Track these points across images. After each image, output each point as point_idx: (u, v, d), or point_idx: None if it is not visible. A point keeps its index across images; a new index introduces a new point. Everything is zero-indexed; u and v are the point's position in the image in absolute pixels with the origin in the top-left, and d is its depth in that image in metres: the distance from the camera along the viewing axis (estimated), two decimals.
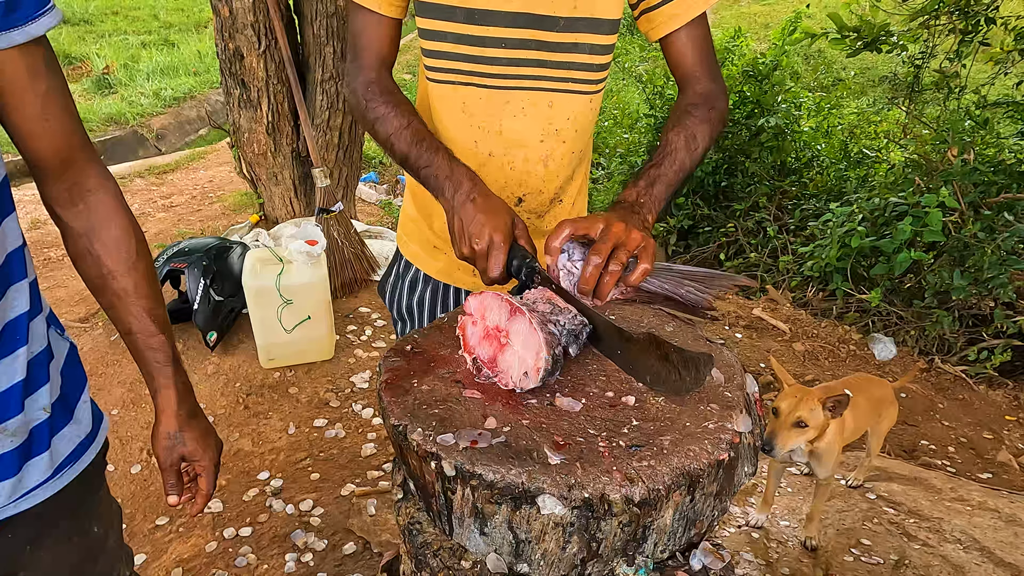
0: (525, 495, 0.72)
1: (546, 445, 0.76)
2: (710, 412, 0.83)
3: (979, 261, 3.46)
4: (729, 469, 0.80)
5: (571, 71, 1.13)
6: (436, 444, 0.76)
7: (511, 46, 1.09)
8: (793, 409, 1.84)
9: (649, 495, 0.72)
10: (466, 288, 1.35)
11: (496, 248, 0.97)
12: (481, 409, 0.83)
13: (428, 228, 1.32)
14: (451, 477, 0.75)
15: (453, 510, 0.78)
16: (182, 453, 1.00)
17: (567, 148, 1.20)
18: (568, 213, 1.30)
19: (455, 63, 1.12)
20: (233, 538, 2.11)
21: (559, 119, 1.16)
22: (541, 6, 1.06)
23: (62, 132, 0.85)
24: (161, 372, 0.96)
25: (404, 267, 1.40)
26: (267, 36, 3.07)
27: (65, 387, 0.94)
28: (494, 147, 1.17)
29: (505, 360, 0.87)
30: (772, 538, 2.30)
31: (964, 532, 2.31)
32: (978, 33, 3.96)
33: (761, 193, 4.76)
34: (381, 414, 0.86)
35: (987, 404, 3.45)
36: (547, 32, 1.08)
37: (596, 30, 1.10)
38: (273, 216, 3.61)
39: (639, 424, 0.80)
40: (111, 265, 0.91)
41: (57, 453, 0.91)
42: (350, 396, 2.76)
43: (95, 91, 7.10)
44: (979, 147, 3.93)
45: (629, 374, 0.90)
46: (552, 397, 0.86)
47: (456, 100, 1.15)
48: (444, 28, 1.09)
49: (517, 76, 1.12)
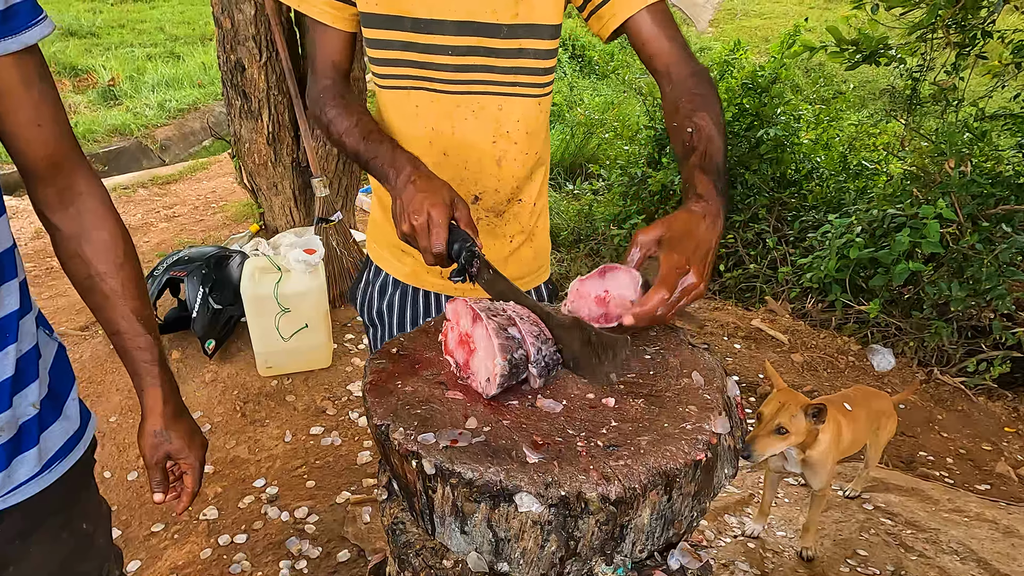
0: (503, 493, 0.73)
1: (525, 444, 0.77)
2: (688, 413, 0.84)
3: (977, 272, 3.46)
4: (707, 470, 0.80)
5: (518, 75, 1.16)
6: (417, 443, 0.78)
7: (458, 53, 1.12)
8: (774, 415, 1.83)
9: (625, 494, 0.73)
10: (434, 291, 1.36)
11: (435, 224, 0.97)
12: (463, 410, 0.84)
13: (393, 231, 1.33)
14: (431, 475, 0.76)
15: (434, 509, 0.79)
16: (168, 451, 1.02)
17: (519, 149, 1.23)
18: (529, 213, 1.33)
19: (405, 69, 1.15)
20: (228, 545, 2.12)
21: (509, 121, 1.19)
22: (484, 14, 1.10)
23: (53, 137, 0.88)
24: (148, 372, 0.98)
25: (374, 272, 1.42)
26: (268, 48, 3.10)
27: (54, 385, 0.96)
28: (447, 146, 1.20)
29: (474, 364, 0.89)
30: (768, 548, 2.29)
31: (961, 543, 2.30)
32: (975, 46, 3.99)
33: (760, 204, 4.78)
34: (366, 414, 0.88)
35: (986, 415, 3.45)
36: (492, 39, 1.11)
37: (538, 35, 1.13)
38: (273, 225, 3.64)
39: (618, 425, 0.81)
40: (100, 267, 0.94)
41: (46, 448, 0.93)
42: (347, 404, 2.77)
43: (101, 102, 7.17)
44: (977, 159, 3.94)
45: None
46: (534, 399, 0.87)
47: (409, 103, 1.18)
48: (391, 37, 1.13)
49: (466, 81, 1.15)
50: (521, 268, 1.36)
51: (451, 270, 1.00)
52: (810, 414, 1.83)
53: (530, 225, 1.34)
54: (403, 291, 1.37)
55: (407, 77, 1.16)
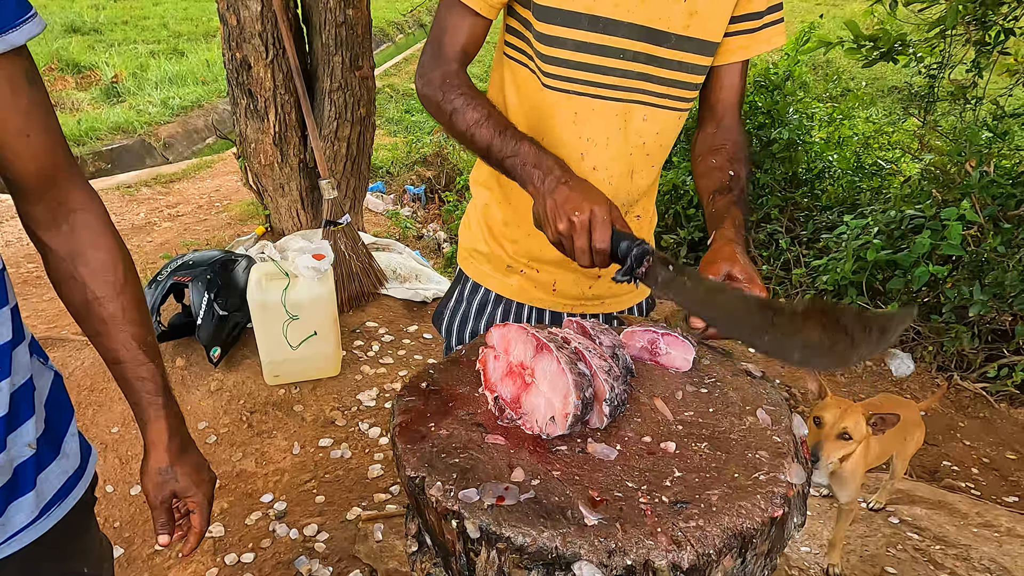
0: (559, 561, 0.64)
1: (581, 502, 0.69)
2: (760, 461, 0.75)
3: (999, 276, 3.37)
4: (781, 525, 0.72)
5: (672, 88, 1.15)
6: (458, 501, 0.69)
7: (627, 58, 1.10)
8: (838, 420, 1.78)
9: (699, 560, 0.64)
10: (541, 307, 1.31)
11: (598, 220, 0.93)
12: (506, 458, 0.76)
13: (500, 249, 1.30)
14: (475, 539, 0.67)
15: (475, 573, 0.70)
16: (174, 489, 0.94)
17: (649, 162, 1.21)
18: (639, 230, 1.30)
19: (572, 71, 1.11)
20: (235, 564, 2.04)
21: (649, 133, 1.17)
22: (659, 21, 1.08)
23: (44, 150, 0.79)
24: (151, 404, 0.90)
25: (471, 290, 1.36)
26: (275, 46, 3.01)
27: (51, 420, 0.88)
28: (599, 160, 1.17)
29: (530, 401, 0.80)
30: (793, 565, 2.21)
31: (994, 560, 2.22)
32: (996, 43, 3.89)
33: (773, 205, 4.69)
34: (395, 462, 0.79)
35: (1009, 423, 3.36)
36: (659, 47, 1.10)
37: (701, 51, 1.13)
38: (279, 228, 3.55)
39: (682, 475, 0.73)
40: (97, 290, 0.86)
41: (44, 492, 0.85)
42: (356, 415, 2.69)
43: (104, 100, 7.09)
44: (997, 159, 3.85)
45: (774, 356, 0.83)
46: (584, 443, 0.78)
47: (568, 110, 1.14)
48: (566, 35, 1.09)
49: (626, 88, 1.13)
50: (625, 285, 1.32)
51: (610, 272, 0.96)
52: (871, 422, 1.79)
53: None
54: (507, 307, 1.32)
55: (572, 80, 1.12)
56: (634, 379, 0.88)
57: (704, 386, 0.88)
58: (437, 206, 5.57)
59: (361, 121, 3.30)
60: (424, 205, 5.55)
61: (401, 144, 6.38)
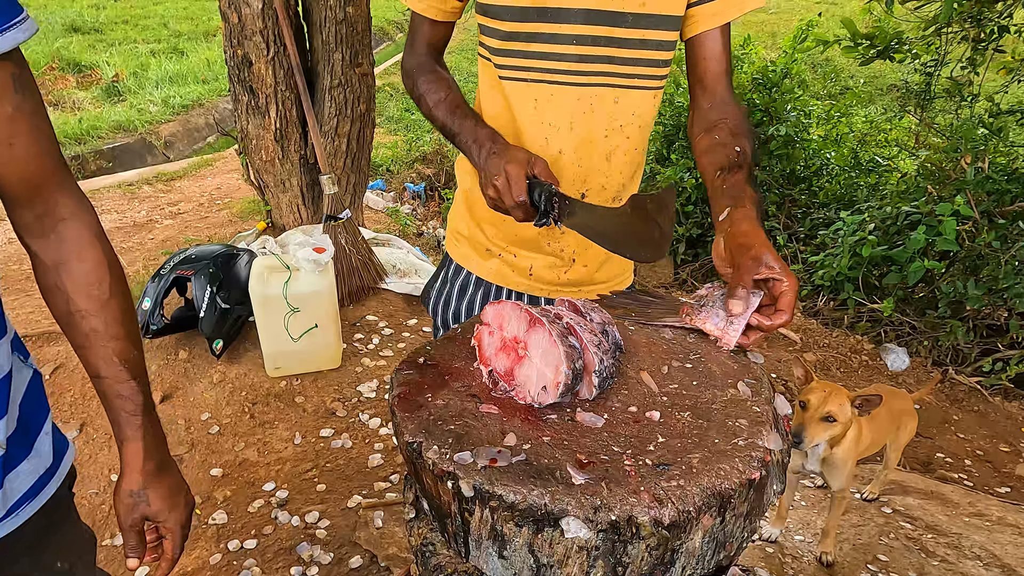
0: (548, 517, 0.68)
1: (569, 464, 0.73)
2: (739, 428, 0.79)
3: (994, 271, 3.41)
4: (760, 488, 0.76)
5: (638, 67, 1.14)
6: (453, 463, 0.73)
7: (583, 43, 1.11)
8: (823, 403, 1.82)
9: (679, 517, 0.68)
10: (519, 290, 1.34)
11: (513, 177, 1.02)
12: (499, 425, 0.79)
13: (480, 233, 1.34)
14: (469, 498, 0.71)
15: (470, 532, 0.74)
16: (144, 513, 0.90)
17: (630, 144, 1.22)
18: None
19: (527, 61, 1.14)
20: (237, 550, 2.08)
21: (624, 115, 1.18)
22: (612, 2, 1.08)
23: (29, 157, 0.77)
24: (129, 423, 0.87)
25: (454, 271, 1.40)
26: (276, 43, 3.05)
27: (25, 419, 0.87)
28: (564, 144, 1.19)
29: (523, 373, 0.84)
30: (787, 553, 2.24)
31: (984, 548, 2.25)
32: (992, 41, 3.92)
33: (770, 202, 4.73)
34: (394, 430, 0.83)
35: (1003, 416, 3.40)
36: (616, 28, 1.10)
37: (662, 26, 1.12)
38: (280, 223, 3.59)
39: (665, 441, 0.77)
40: (80, 303, 0.83)
41: (12, 490, 0.84)
42: (357, 406, 2.73)
43: (104, 99, 7.12)
44: (992, 156, 3.88)
45: (613, 251, 1.02)
46: (573, 412, 0.82)
47: (528, 97, 1.17)
48: (518, 28, 1.11)
49: (587, 72, 1.13)
50: (613, 270, 1.36)
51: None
52: (855, 404, 1.82)
53: None
54: (486, 290, 1.36)
55: (528, 69, 1.14)
56: (623, 355, 0.92)
57: (689, 361, 0.92)
58: (437, 203, 5.61)
59: (361, 117, 3.34)
60: (424, 203, 5.59)
61: (401, 142, 6.41)
